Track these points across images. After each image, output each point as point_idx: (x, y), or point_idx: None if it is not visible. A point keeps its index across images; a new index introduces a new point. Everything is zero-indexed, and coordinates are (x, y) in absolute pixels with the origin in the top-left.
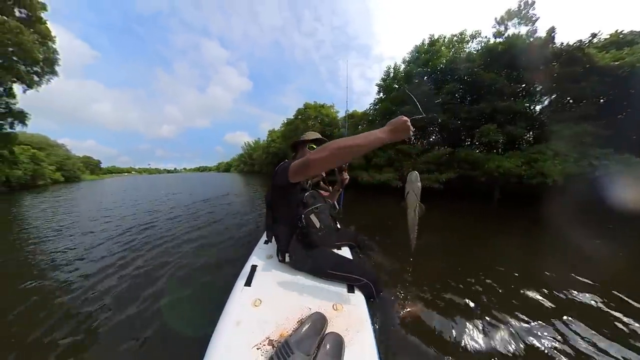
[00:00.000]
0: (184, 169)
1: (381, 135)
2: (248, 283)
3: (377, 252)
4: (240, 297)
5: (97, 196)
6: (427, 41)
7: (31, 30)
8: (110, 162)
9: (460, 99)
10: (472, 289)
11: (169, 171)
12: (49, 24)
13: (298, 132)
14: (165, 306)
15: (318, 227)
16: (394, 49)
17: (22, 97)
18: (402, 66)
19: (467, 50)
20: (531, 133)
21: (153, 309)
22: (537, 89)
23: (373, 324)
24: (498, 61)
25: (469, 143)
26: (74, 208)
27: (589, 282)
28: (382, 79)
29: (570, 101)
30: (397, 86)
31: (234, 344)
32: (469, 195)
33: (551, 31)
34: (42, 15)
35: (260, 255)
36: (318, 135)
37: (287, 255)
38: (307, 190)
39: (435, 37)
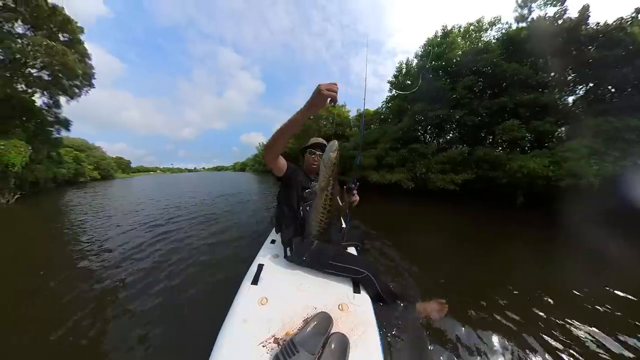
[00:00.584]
0: (203, 168)
1: (299, 113)
2: (255, 282)
3: (382, 253)
4: (247, 295)
5: (127, 192)
6: (439, 33)
7: (72, 50)
8: (139, 162)
9: (479, 93)
10: (488, 302)
11: (189, 170)
12: (85, 44)
13: (310, 133)
14: (174, 300)
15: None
16: (408, 42)
17: (66, 107)
18: (415, 61)
19: (486, 39)
20: (562, 129)
21: (162, 302)
22: (569, 78)
23: (379, 325)
24: (521, 49)
25: (490, 141)
26: (108, 201)
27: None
28: (393, 75)
29: (612, 90)
30: (409, 82)
31: (240, 341)
32: (488, 199)
33: (584, 10)
34: (80, 37)
35: (267, 255)
36: (317, 140)
37: (288, 249)
38: (308, 189)
39: (449, 27)
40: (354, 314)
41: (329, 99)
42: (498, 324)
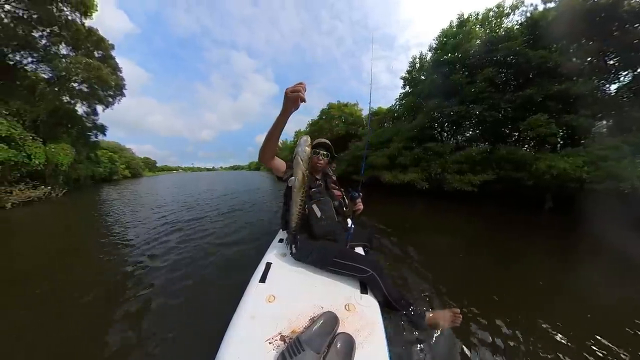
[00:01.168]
0: (221, 167)
1: (278, 118)
2: (263, 279)
3: (391, 256)
4: (255, 293)
5: (153, 188)
6: (455, 22)
7: (105, 65)
8: (163, 162)
9: (501, 85)
10: (506, 319)
11: (208, 169)
12: (116, 58)
13: (322, 133)
14: (185, 295)
15: (319, 216)
16: (422, 35)
17: (102, 114)
18: (429, 55)
19: (508, 25)
20: (601, 123)
21: (173, 295)
22: (610, 63)
23: (385, 327)
24: (549, 34)
25: (516, 138)
26: (137, 196)
27: None
28: (407, 71)
29: None
30: (423, 77)
31: (248, 336)
32: (511, 203)
33: None
34: (111, 52)
35: (275, 253)
36: (321, 140)
37: (293, 246)
38: (314, 187)
39: (465, 16)
40: (361, 314)
41: (299, 99)
42: (510, 342)
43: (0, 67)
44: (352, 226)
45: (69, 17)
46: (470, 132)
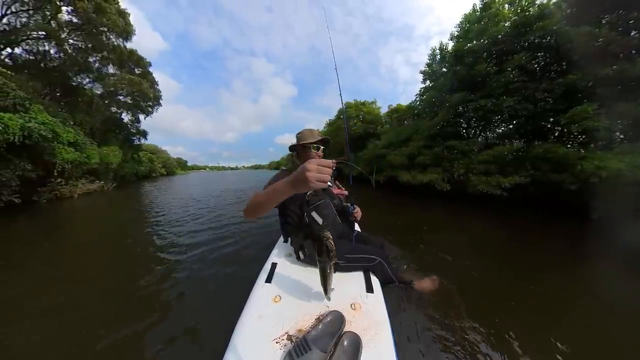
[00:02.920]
0: (243, 166)
1: (282, 187)
2: (269, 279)
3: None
4: (261, 293)
5: (184, 184)
6: (479, 5)
7: (145, 80)
8: (193, 162)
9: (538, 72)
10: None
11: (232, 168)
12: (153, 74)
13: (340, 132)
14: (193, 292)
15: (321, 223)
16: (444, 20)
17: (143, 121)
18: (450, 44)
19: (543, 1)
20: None
21: (183, 291)
22: None
23: (392, 325)
24: (594, 7)
25: (559, 134)
26: (170, 191)
27: None
28: (426, 64)
29: None
30: (445, 70)
31: (255, 336)
32: (549, 209)
33: None
34: (149, 69)
35: (280, 253)
36: (316, 138)
37: (300, 253)
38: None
39: None
40: (367, 313)
41: (311, 184)
42: None
43: (66, 88)
44: (358, 229)
45: (115, 43)
46: (504, 128)
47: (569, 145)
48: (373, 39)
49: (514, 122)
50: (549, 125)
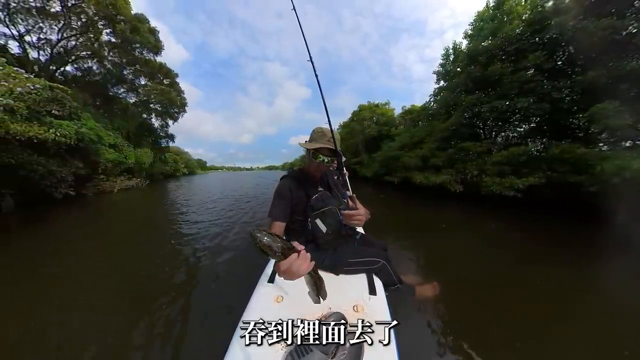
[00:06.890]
0: (257, 167)
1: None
2: (271, 280)
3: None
4: (263, 293)
5: (203, 182)
6: (492, 2)
7: (172, 89)
8: (211, 162)
9: (555, 70)
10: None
11: (247, 169)
12: (180, 84)
13: (354, 134)
14: (198, 289)
15: (324, 232)
16: (459, 13)
17: (171, 126)
18: (464, 43)
19: None
20: None
21: (189, 290)
22: None
23: (394, 328)
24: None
25: (581, 135)
26: (191, 188)
27: None
28: (440, 64)
29: None
30: (459, 70)
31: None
32: (566, 213)
33: None
34: (176, 79)
35: None
36: (327, 145)
37: None
38: (314, 195)
39: None
40: (369, 315)
41: (296, 276)
42: None
43: (105, 97)
44: (363, 232)
45: (146, 57)
46: (524, 128)
47: (590, 146)
48: (384, 37)
49: (531, 122)
50: (572, 125)
